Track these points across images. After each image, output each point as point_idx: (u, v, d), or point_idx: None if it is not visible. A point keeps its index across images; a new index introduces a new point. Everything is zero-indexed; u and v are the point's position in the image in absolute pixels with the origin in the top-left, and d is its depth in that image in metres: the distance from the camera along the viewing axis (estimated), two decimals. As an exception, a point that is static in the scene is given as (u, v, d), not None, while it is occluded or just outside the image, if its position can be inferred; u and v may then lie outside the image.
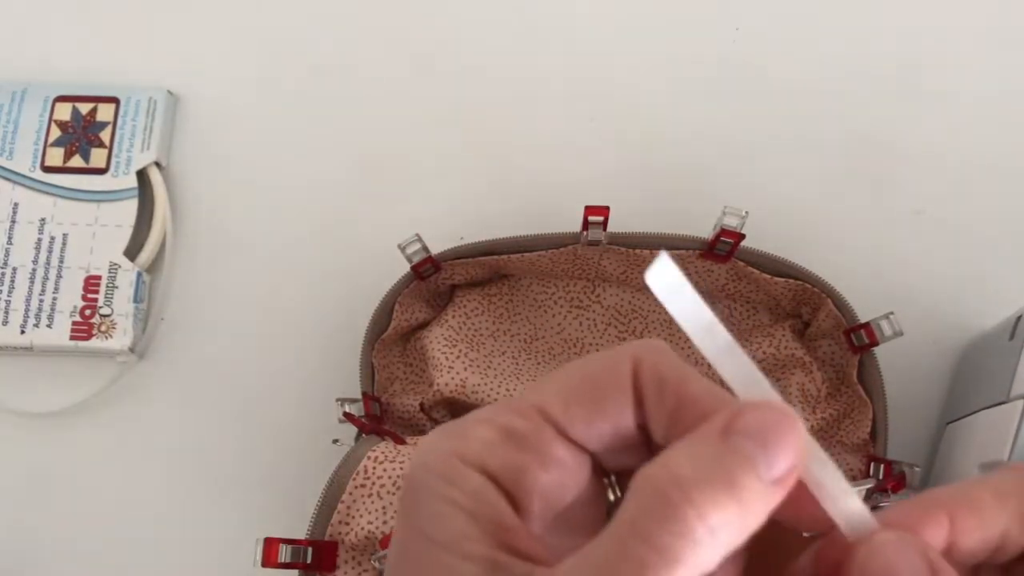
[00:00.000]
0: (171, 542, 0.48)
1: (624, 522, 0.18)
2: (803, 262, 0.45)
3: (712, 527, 0.18)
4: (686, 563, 0.18)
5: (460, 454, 0.20)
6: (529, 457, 0.21)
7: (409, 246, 0.44)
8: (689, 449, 0.19)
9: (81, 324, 0.49)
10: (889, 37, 0.54)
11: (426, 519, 0.20)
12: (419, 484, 0.21)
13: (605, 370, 0.21)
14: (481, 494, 0.20)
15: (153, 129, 0.52)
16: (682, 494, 0.18)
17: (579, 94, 0.54)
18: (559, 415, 0.21)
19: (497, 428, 0.21)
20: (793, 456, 0.19)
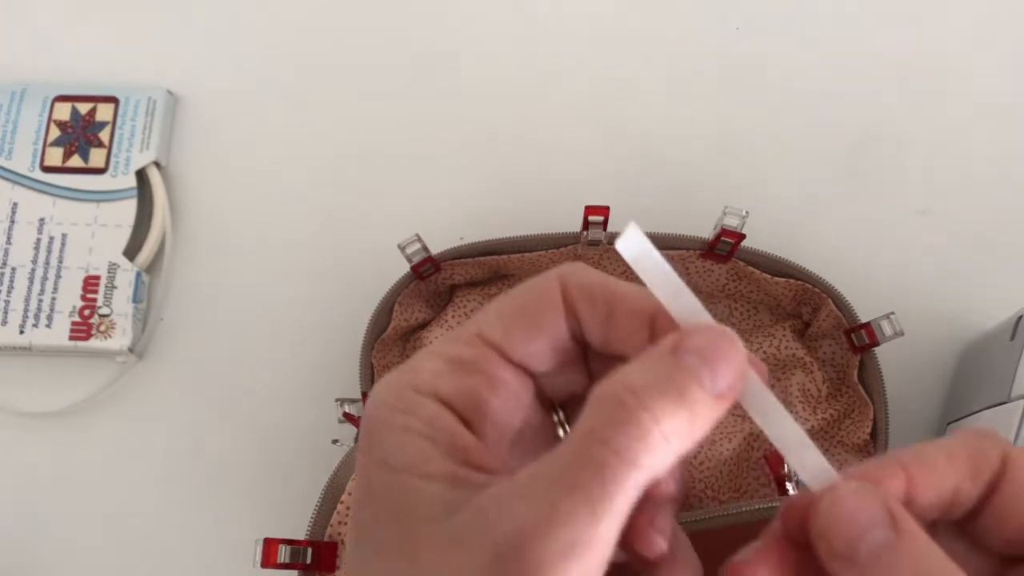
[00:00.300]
0: (171, 542, 0.48)
1: (583, 429, 0.20)
2: (803, 262, 0.45)
3: (665, 432, 0.19)
4: (642, 465, 0.19)
5: (413, 386, 0.22)
6: (476, 380, 0.22)
7: (409, 246, 0.44)
8: (642, 365, 0.20)
9: (80, 324, 0.49)
10: (891, 37, 0.54)
11: (386, 449, 0.21)
12: (376, 419, 0.22)
13: (536, 291, 0.23)
14: (436, 419, 0.21)
15: (152, 129, 0.52)
16: (638, 401, 0.19)
17: (579, 94, 0.54)
18: (499, 338, 0.22)
19: (444, 358, 0.22)
20: (734, 373, 0.20)
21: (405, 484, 0.21)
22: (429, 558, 0.20)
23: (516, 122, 0.53)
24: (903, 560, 0.19)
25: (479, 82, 0.54)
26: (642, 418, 0.19)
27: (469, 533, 0.20)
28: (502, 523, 0.19)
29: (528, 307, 0.23)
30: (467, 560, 0.19)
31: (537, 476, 0.20)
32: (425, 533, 0.20)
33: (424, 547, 0.20)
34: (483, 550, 0.19)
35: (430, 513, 0.20)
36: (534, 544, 0.19)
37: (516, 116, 0.53)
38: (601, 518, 0.19)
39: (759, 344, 0.46)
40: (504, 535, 0.19)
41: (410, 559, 0.20)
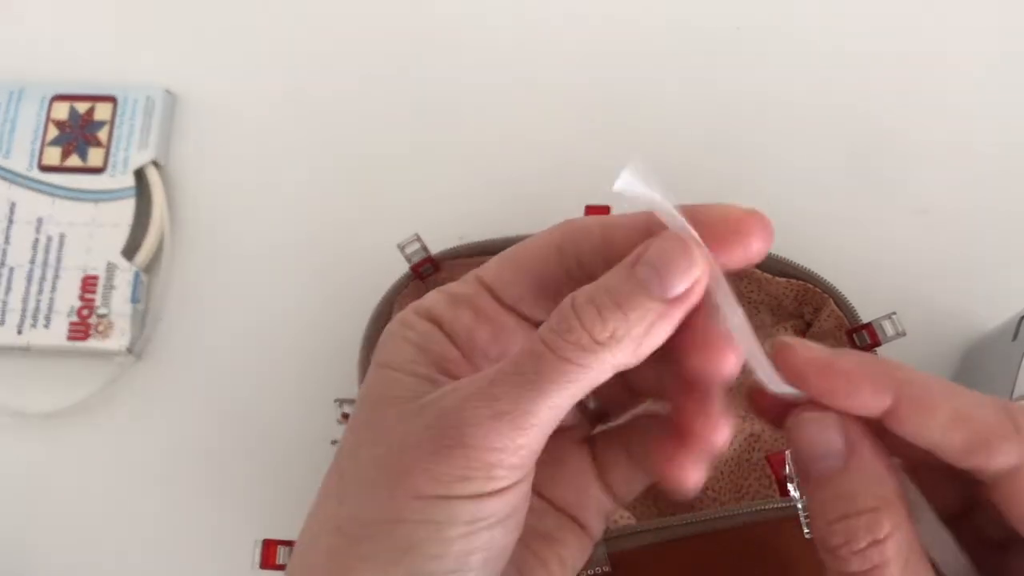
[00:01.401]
0: (170, 542, 0.48)
1: (535, 333, 0.22)
2: (805, 262, 0.45)
3: (597, 338, 0.22)
4: (577, 363, 0.21)
5: (415, 309, 0.25)
6: (468, 311, 0.25)
7: (408, 246, 0.44)
8: (603, 277, 0.23)
9: (78, 324, 0.49)
10: (891, 36, 0.54)
11: (385, 353, 0.24)
12: (386, 336, 0.25)
13: (531, 239, 0.26)
14: (428, 334, 0.24)
15: (151, 128, 0.52)
16: (574, 312, 0.22)
17: (579, 94, 0.54)
18: (491, 279, 0.25)
19: (446, 292, 0.25)
20: (685, 279, 0.22)
21: (389, 376, 0.24)
22: (391, 427, 0.23)
23: (516, 122, 0.53)
24: (843, 489, 0.22)
25: (479, 82, 0.54)
26: (574, 326, 0.22)
27: (425, 407, 0.22)
28: (449, 396, 0.22)
29: (522, 253, 0.25)
30: (417, 424, 0.22)
31: (497, 369, 0.22)
32: (393, 410, 0.23)
33: (389, 420, 0.23)
34: (430, 416, 0.22)
35: (401, 396, 0.23)
36: (470, 407, 0.21)
37: (516, 116, 0.53)
38: (531, 399, 0.21)
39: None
40: (448, 404, 0.22)
41: (375, 429, 0.23)
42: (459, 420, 0.21)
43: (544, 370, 0.21)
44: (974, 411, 0.22)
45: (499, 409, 0.21)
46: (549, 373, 0.21)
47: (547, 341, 0.22)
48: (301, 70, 0.55)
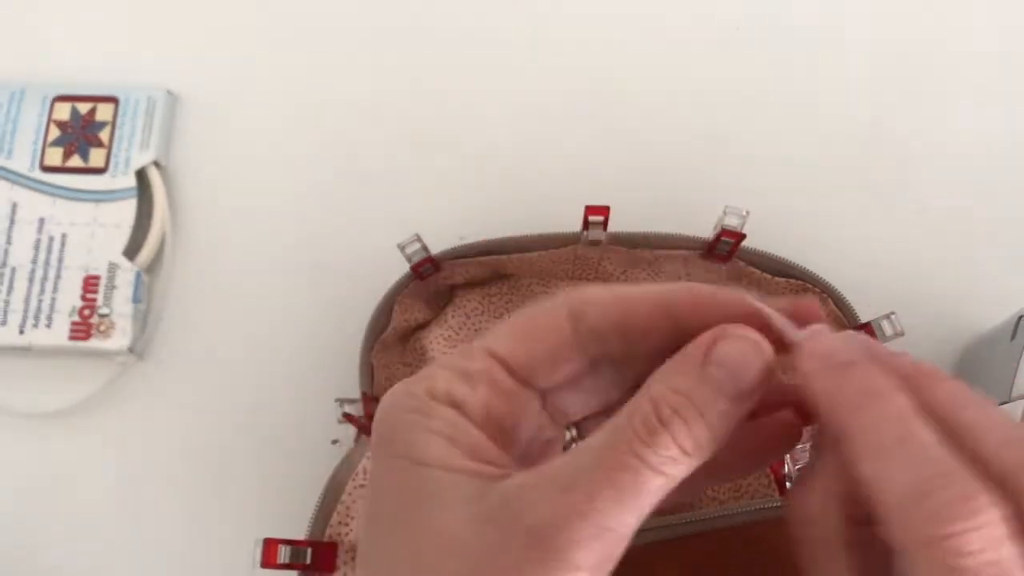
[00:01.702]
0: (170, 542, 0.48)
1: (619, 435, 0.22)
2: (804, 262, 0.45)
3: (688, 450, 0.22)
4: (668, 475, 0.22)
5: (429, 392, 0.24)
6: (486, 390, 0.24)
7: (409, 246, 0.44)
8: (670, 380, 0.23)
9: (80, 324, 0.49)
10: (891, 36, 0.54)
11: (409, 447, 0.23)
12: (395, 420, 0.24)
13: (541, 309, 0.25)
14: (455, 423, 0.23)
15: (152, 129, 0.52)
16: (664, 427, 0.22)
17: (580, 94, 0.54)
18: (505, 353, 0.24)
19: (456, 369, 0.24)
20: (757, 380, 0.23)
21: (430, 475, 0.23)
22: (460, 535, 0.22)
23: (516, 122, 0.53)
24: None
25: (480, 82, 0.54)
26: (666, 440, 0.22)
27: (504, 515, 0.22)
28: (539, 508, 0.21)
29: (532, 325, 0.25)
30: (502, 538, 0.21)
31: (575, 471, 0.22)
32: (453, 515, 0.22)
33: (452, 528, 0.22)
34: (518, 530, 0.21)
35: (457, 498, 0.22)
36: (570, 527, 0.21)
37: (516, 116, 0.53)
38: (629, 513, 0.21)
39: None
40: (541, 517, 0.21)
41: (435, 536, 0.22)
42: (564, 542, 0.21)
43: (641, 484, 0.21)
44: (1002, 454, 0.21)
45: (600, 526, 0.21)
46: (646, 487, 0.21)
47: (641, 455, 0.21)
48: (302, 71, 0.55)
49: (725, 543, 0.38)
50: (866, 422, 0.21)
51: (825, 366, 0.23)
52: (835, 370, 0.23)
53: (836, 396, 0.22)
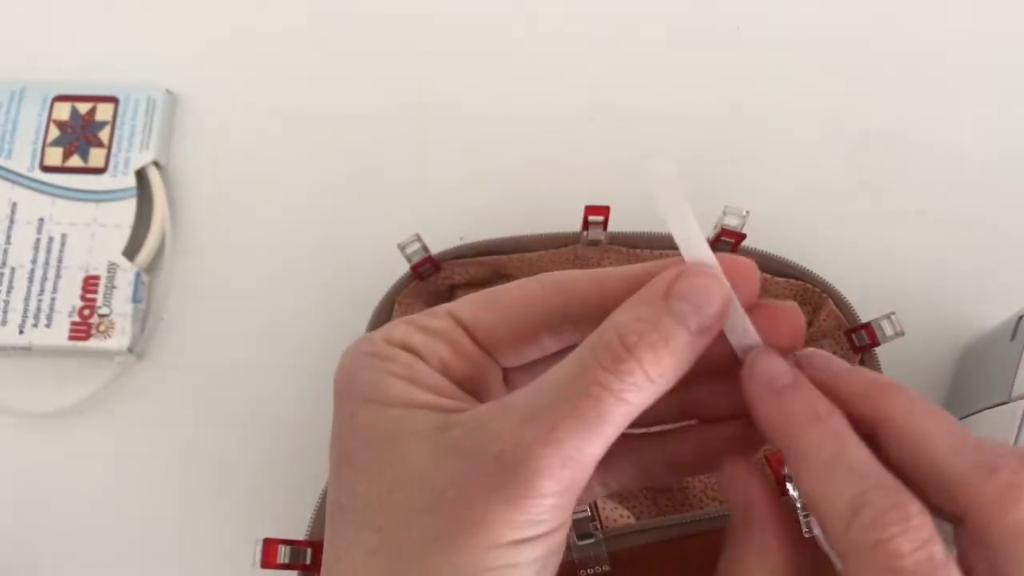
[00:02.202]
0: (170, 542, 0.48)
1: (581, 366, 0.22)
2: (804, 262, 0.45)
3: (652, 375, 0.22)
4: (631, 402, 0.22)
5: (386, 338, 0.24)
6: (443, 345, 0.24)
7: (409, 246, 0.44)
8: (635, 309, 0.23)
9: (80, 324, 0.49)
10: (890, 36, 0.54)
11: (369, 388, 0.24)
12: (356, 367, 0.24)
13: (513, 287, 0.25)
14: (412, 364, 0.24)
15: (152, 129, 0.52)
16: (629, 353, 0.22)
17: (579, 94, 0.54)
18: (469, 318, 0.25)
19: (415, 324, 0.25)
20: (719, 312, 0.23)
21: (393, 413, 0.23)
22: (425, 467, 0.22)
23: (516, 122, 0.53)
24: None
25: (479, 82, 0.54)
26: (634, 368, 0.22)
27: (467, 445, 0.22)
28: (504, 437, 0.22)
29: (501, 298, 0.25)
30: (467, 467, 0.22)
31: (538, 401, 0.22)
32: (418, 448, 0.22)
33: (417, 461, 0.22)
34: (485, 460, 0.22)
35: (420, 432, 0.23)
36: (537, 455, 0.21)
37: (516, 116, 0.53)
38: (593, 442, 0.22)
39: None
40: (506, 447, 0.21)
41: (401, 472, 0.22)
42: (529, 471, 0.21)
43: (605, 412, 0.22)
44: (951, 459, 0.22)
45: (564, 455, 0.21)
46: (609, 415, 0.22)
47: (604, 383, 0.22)
48: (302, 71, 0.55)
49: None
50: (804, 445, 0.23)
51: (767, 391, 0.24)
52: (776, 395, 0.24)
53: (777, 420, 0.23)
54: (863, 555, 0.21)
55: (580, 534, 0.37)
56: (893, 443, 0.23)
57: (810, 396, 0.24)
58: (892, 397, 0.24)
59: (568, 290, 0.25)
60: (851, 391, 0.24)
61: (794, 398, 0.23)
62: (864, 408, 0.24)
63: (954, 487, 0.22)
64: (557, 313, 0.25)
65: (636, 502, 0.45)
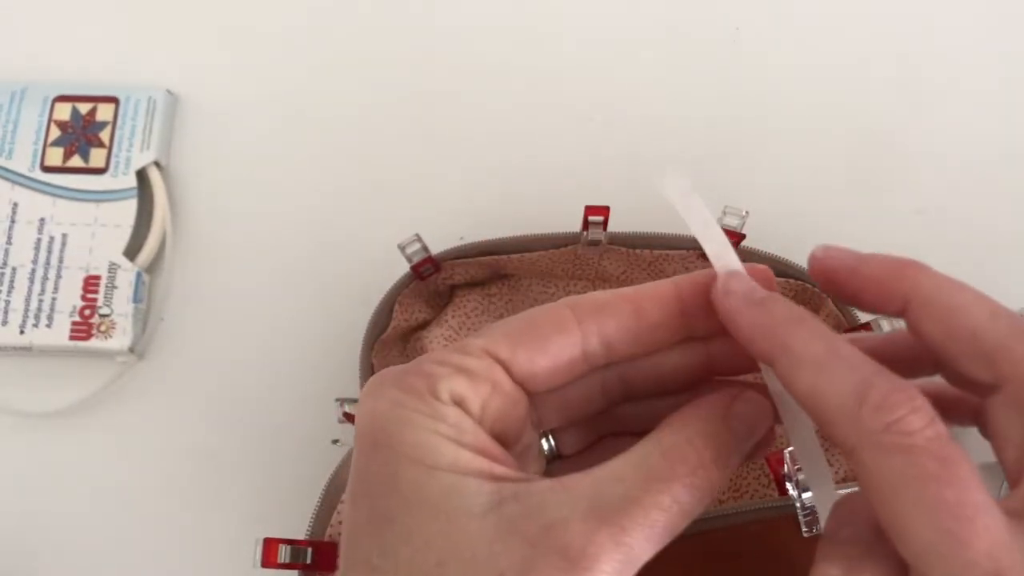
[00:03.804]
0: (171, 542, 0.48)
1: (652, 469, 0.23)
2: (804, 262, 0.45)
3: (708, 489, 0.23)
4: (689, 512, 0.23)
5: (431, 391, 0.23)
6: (487, 390, 0.24)
7: (409, 246, 0.44)
8: (699, 426, 0.24)
9: (80, 324, 0.49)
10: (890, 36, 0.54)
11: (416, 451, 0.23)
12: (397, 420, 0.23)
13: (546, 314, 0.25)
14: (460, 424, 0.23)
15: (153, 129, 0.52)
16: (693, 469, 0.23)
17: (579, 94, 0.54)
18: (506, 355, 0.24)
19: (455, 367, 0.24)
20: (764, 433, 0.25)
21: (443, 480, 0.22)
22: (483, 546, 0.22)
23: (516, 122, 0.53)
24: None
25: (479, 82, 0.54)
26: (698, 483, 0.23)
27: (527, 529, 0.22)
28: (572, 531, 0.22)
29: (537, 330, 0.25)
30: (531, 553, 0.21)
31: (604, 496, 0.22)
32: (473, 525, 0.22)
33: (474, 537, 0.22)
34: (551, 551, 0.21)
35: (474, 503, 0.22)
36: (605, 556, 0.21)
37: (516, 116, 0.53)
38: (657, 546, 0.22)
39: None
40: (575, 540, 0.21)
41: (458, 545, 0.22)
42: (595, 569, 0.21)
43: (672, 524, 0.23)
44: (988, 325, 0.23)
45: (627, 557, 0.22)
46: (675, 527, 0.23)
47: (676, 496, 0.23)
48: (302, 71, 0.55)
49: (724, 543, 0.38)
50: (795, 344, 0.23)
51: (746, 303, 0.24)
52: (756, 304, 0.24)
53: (762, 326, 0.24)
54: (876, 439, 0.21)
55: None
56: (926, 317, 0.24)
57: (788, 303, 0.24)
58: (922, 272, 0.25)
59: (603, 314, 0.25)
60: (879, 272, 0.25)
61: (775, 304, 0.24)
62: (895, 286, 0.24)
63: (993, 352, 0.22)
64: (592, 340, 0.25)
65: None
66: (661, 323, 0.25)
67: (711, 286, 0.25)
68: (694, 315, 0.26)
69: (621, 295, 0.25)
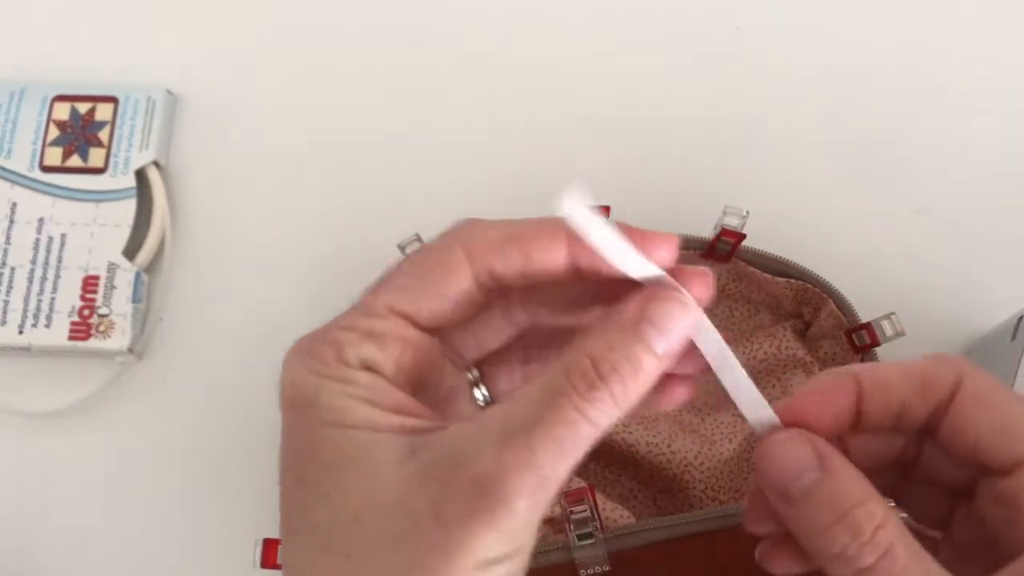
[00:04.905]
0: (170, 542, 0.48)
1: (555, 389, 0.23)
2: (804, 262, 0.45)
3: (620, 401, 0.23)
4: (602, 426, 0.23)
5: (340, 358, 0.25)
6: (396, 348, 0.25)
7: (409, 246, 0.44)
8: (606, 336, 0.24)
9: (79, 324, 0.49)
10: (890, 36, 0.54)
11: (332, 414, 0.24)
12: (313, 388, 0.25)
13: (440, 261, 0.26)
14: (372, 385, 0.24)
15: (152, 129, 0.52)
16: (603, 381, 0.23)
17: (579, 93, 0.54)
18: (410, 309, 0.25)
19: (362, 332, 0.25)
20: (684, 336, 0.24)
21: (359, 438, 0.23)
22: (398, 493, 0.22)
23: (516, 121, 0.53)
24: (829, 494, 0.24)
25: (479, 82, 0.54)
26: (604, 395, 0.23)
27: (440, 469, 0.22)
28: (482, 459, 0.22)
29: (434, 277, 0.26)
30: (444, 490, 0.22)
31: (513, 422, 0.23)
32: (388, 475, 0.23)
33: (390, 486, 0.23)
34: (463, 482, 0.22)
35: (390, 457, 0.23)
36: (516, 478, 0.22)
37: (516, 115, 0.53)
38: (567, 463, 0.22)
39: (760, 344, 0.46)
40: (485, 469, 0.22)
41: (374, 496, 0.23)
42: (508, 492, 0.22)
43: (579, 437, 0.23)
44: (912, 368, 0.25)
45: (540, 476, 0.22)
46: (583, 439, 0.23)
47: (580, 409, 0.23)
48: (301, 71, 0.55)
49: (724, 543, 0.38)
50: None
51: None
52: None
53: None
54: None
55: (580, 534, 0.37)
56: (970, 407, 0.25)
57: (850, 475, 0.24)
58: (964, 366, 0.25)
59: (493, 254, 0.26)
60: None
61: (834, 486, 0.24)
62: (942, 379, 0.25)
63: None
64: (484, 277, 0.26)
65: (636, 502, 0.45)
66: (548, 266, 0.26)
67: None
68: (581, 260, 0.26)
69: (512, 237, 0.26)
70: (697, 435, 0.45)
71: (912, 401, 0.25)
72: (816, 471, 0.24)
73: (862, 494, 0.24)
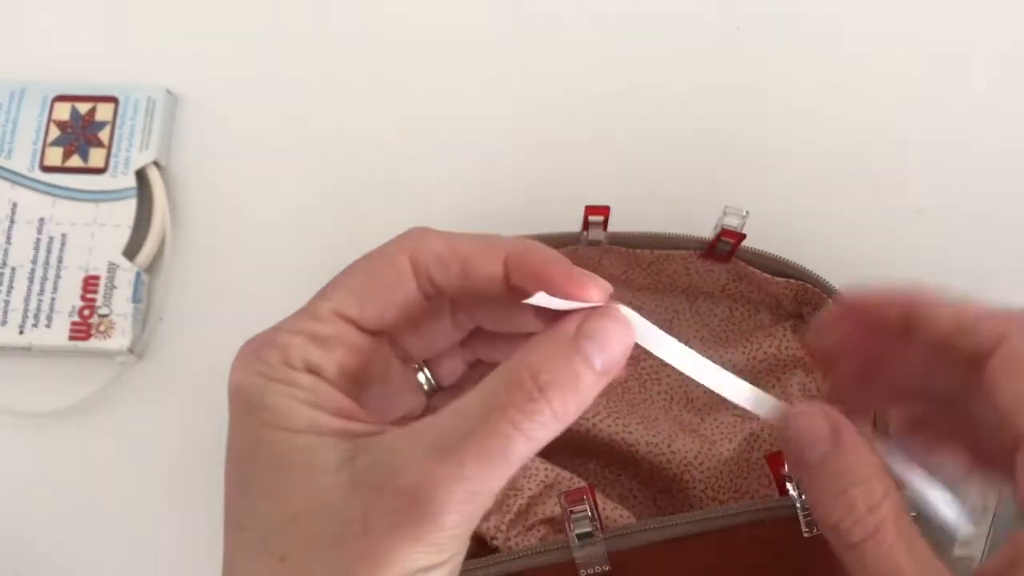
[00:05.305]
0: (170, 542, 0.48)
1: (490, 401, 0.23)
2: (804, 262, 0.45)
3: (558, 414, 0.23)
4: (538, 440, 0.23)
5: (285, 360, 0.25)
6: (340, 352, 0.25)
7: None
8: (545, 348, 0.24)
9: (80, 324, 0.49)
10: (890, 36, 0.54)
11: (275, 417, 0.24)
12: (257, 390, 0.25)
13: (385, 267, 0.26)
14: (315, 388, 0.25)
15: (152, 129, 0.52)
16: (541, 392, 0.23)
17: (579, 94, 0.54)
18: (356, 314, 0.26)
19: (307, 335, 0.26)
20: (623, 353, 0.25)
21: (300, 441, 0.24)
22: (332, 498, 0.23)
23: (516, 122, 0.53)
24: (835, 467, 0.25)
25: (480, 82, 0.54)
26: (544, 409, 0.23)
27: (374, 477, 0.23)
28: (411, 471, 0.22)
29: (380, 284, 0.26)
30: (374, 500, 0.22)
31: (446, 432, 0.23)
32: (325, 479, 0.23)
33: (325, 491, 0.23)
34: (392, 493, 0.22)
35: (328, 461, 0.23)
36: (444, 491, 0.22)
37: (516, 116, 0.53)
38: (498, 477, 0.23)
39: (759, 344, 0.46)
40: (414, 480, 0.22)
41: (311, 500, 0.23)
42: (436, 506, 0.22)
43: (511, 451, 0.22)
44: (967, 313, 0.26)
45: (472, 490, 0.22)
46: (516, 453, 0.23)
47: (515, 422, 0.23)
48: (302, 71, 0.55)
49: (725, 543, 0.38)
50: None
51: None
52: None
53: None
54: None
55: (580, 534, 0.37)
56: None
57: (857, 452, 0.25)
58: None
59: (437, 266, 0.26)
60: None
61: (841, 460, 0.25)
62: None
63: None
64: (427, 286, 0.26)
65: (636, 502, 0.45)
66: (485, 283, 0.26)
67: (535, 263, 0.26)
68: (518, 284, 0.26)
69: (454, 251, 0.26)
70: (697, 435, 0.45)
71: (951, 343, 0.26)
72: (827, 444, 0.25)
73: (867, 471, 0.25)
